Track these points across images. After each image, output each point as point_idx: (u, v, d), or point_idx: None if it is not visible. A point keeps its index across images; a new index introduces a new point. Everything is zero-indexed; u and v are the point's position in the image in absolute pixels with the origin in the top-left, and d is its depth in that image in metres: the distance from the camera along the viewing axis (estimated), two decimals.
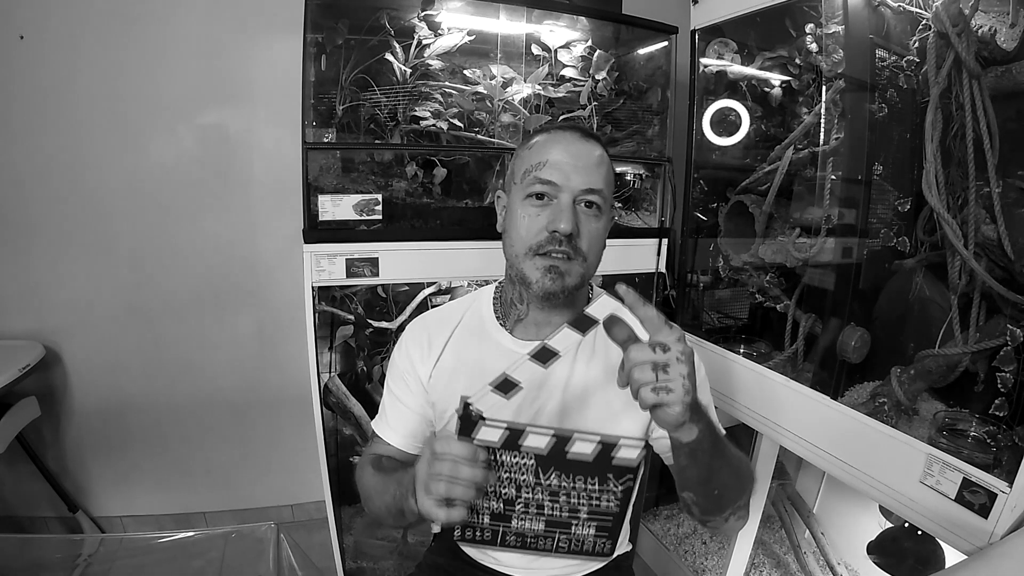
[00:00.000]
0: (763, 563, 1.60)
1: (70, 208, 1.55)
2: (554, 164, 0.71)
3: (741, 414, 1.29)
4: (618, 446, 0.57)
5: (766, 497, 1.39)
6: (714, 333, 1.48)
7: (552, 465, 0.58)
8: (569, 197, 0.71)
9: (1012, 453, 0.84)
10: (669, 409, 0.52)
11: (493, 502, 0.61)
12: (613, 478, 0.59)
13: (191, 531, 1.48)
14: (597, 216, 0.74)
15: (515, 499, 0.61)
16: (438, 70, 1.36)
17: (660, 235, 1.50)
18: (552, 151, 0.72)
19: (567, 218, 0.70)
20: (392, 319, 1.49)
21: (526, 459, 0.58)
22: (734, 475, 0.67)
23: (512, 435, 0.56)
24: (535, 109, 1.41)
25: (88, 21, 1.44)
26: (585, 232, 0.72)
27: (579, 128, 0.77)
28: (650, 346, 0.52)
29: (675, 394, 0.51)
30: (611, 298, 0.54)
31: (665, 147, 1.52)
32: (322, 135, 1.29)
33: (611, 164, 0.76)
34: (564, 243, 0.70)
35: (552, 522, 0.62)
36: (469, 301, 0.87)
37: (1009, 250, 0.90)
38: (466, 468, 0.53)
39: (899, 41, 1.08)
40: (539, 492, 0.60)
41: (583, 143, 0.74)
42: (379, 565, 1.53)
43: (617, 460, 0.58)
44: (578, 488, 0.60)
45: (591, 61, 1.45)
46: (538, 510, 0.61)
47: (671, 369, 0.51)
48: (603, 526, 0.62)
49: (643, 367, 0.52)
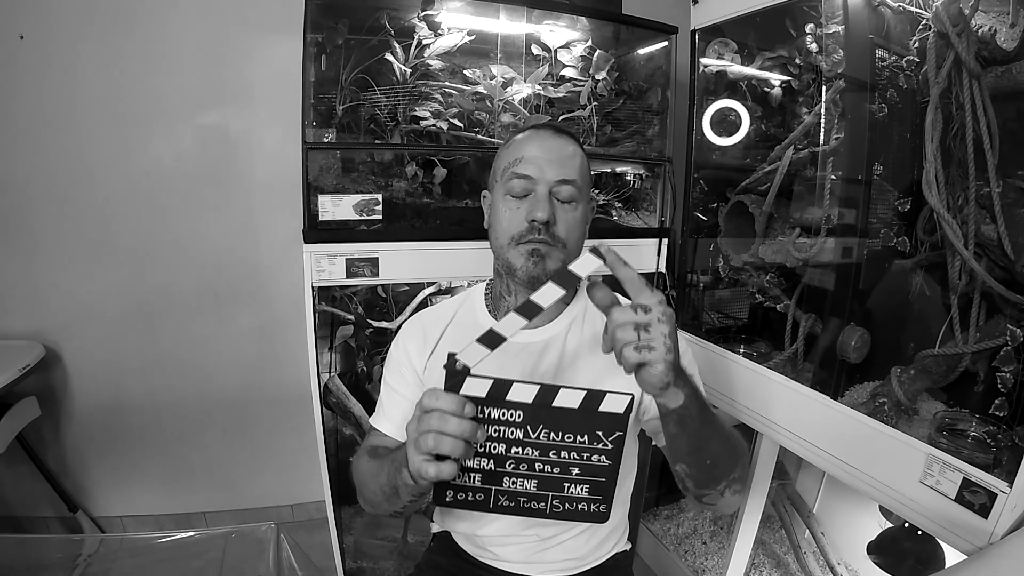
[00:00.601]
0: (763, 563, 1.60)
1: (70, 208, 1.55)
2: (529, 159, 0.77)
3: (741, 414, 1.29)
4: (605, 397, 0.57)
5: (766, 497, 1.38)
6: (714, 333, 1.48)
7: (540, 422, 0.58)
8: (545, 188, 0.77)
9: (1012, 453, 0.84)
10: (652, 368, 0.53)
11: (483, 461, 0.60)
12: (603, 435, 0.59)
13: (191, 531, 1.48)
14: (574, 206, 0.79)
15: (505, 457, 0.60)
16: (438, 70, 1.36)
17: (660, 235, 1.50)
18: (527, 147, 0.78)
19: (543, 207, 0.75)
20: (392, 319, 1.49)
21: (514, 414, 0.58)
22: (726, 444, 0.67)
23: (498, 387, 0.56)
24: (535, 109, 1.41)
25: (88, 21, 1.45)
26: (562, 221, 0.77)
27: (552, 126, 0.83)
28: (632, 308, 0.53)
29: (657, 352, 0.52)
30: (595, 257, 0.54)
31: (665, 147, 1.52)
32: (322, 135, 1.29)
33: (585, 158, 0.82)
34: (543, 231, 0.76)
35: (544, 481, 0.61)
36: (462, 298, 0.90)
37: (1009, 250, 0.90)
38: (453, 421, 0.53)
39: (899, 41, 1.08)
40: (529, 449, 0.59)
41: (555, 139, 0.79)
42: (379, 565, 1.53)
43: (604, 408, 0.57)
44: (567, 444, 0.59)
45: (591, 61, 1.45)
46: (528, 468, 0.60)
47: (652, 329, 0.52)
48: (596, 486, 0.61)
49: (625, 327, 0.53)
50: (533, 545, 0.84)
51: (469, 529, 0.87)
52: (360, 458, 0.78)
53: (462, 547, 0.90)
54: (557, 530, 0.83)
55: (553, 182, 0.77)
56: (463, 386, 0.56)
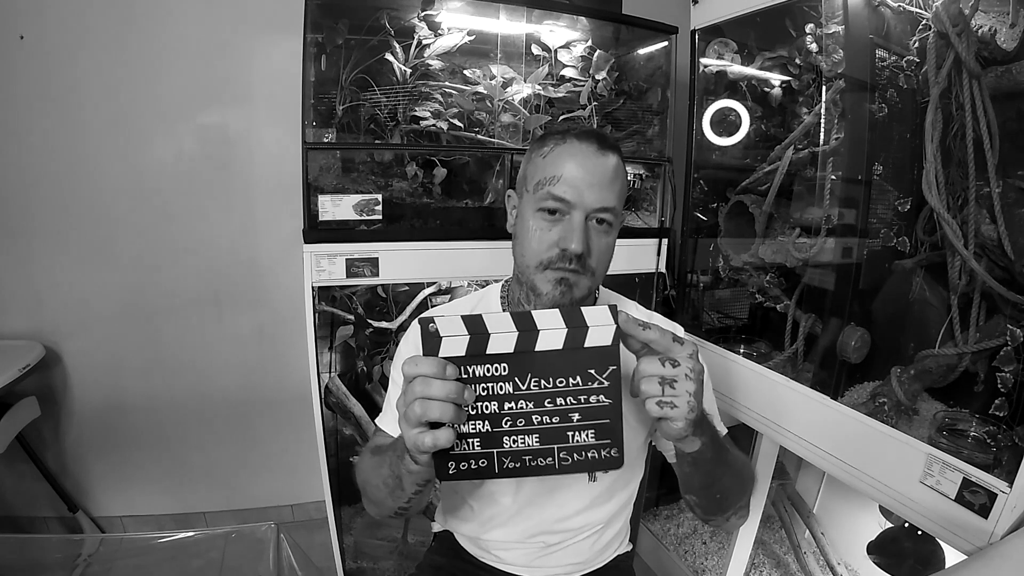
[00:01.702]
0: (763, 563, 1.60)
1: (70, 208, 1.55)
2: (568, 180, 0.70)
3: (741, 414, 1.29)
4: (588, 331, 0.55)
5: (766, 497, 1.39)
6: (714, 333, 1.48)
7: (528, 371, 0.56)
8: (581, 215, 0.70)
9: (1012, 453, 0.84)
10: (672, 423, 0.54)
11: (478, 424, 0.57)
12: (596, 372, 0.56)
13: (191, 531, 1.48)
14: (608, 231, 0.73)
15: (499, 416, 0.57)
16: (438, 70, 1.36)
17: (660, 235, 1.50)
18: (567, 165, 0.70)
19: (578, 238, 0.69)
20: (392, 319, 1.49)
21: (500, 368, 0.56)
22: (736, 479, 0.68)
23: (476, 342, 0.55)
24: (535, 109, 1.41)
25: (88, 21, 1.45)
26: (595, 249, 0.72)
27: (596, 136, 0.73)
28: (660, 360, 0.53)
29: (679, 410, 0.53)
30: (611, 316, 0.54)
31: (665, 147, 1.52)
32: (322, 135, 1.29)
33: (625, 172, 0.75)
34: (574, 261, 0.70)
35: (546, 434, 0.58)
36: (476, 299, 0.88)
37: (1009, 250, 0.90)
38: (436, 383, 0.53)
39: (899, 41, 1.08)
40: (522, 403, 0.57)
41: (599, 156, 0.71)
42: (379, 565, 1.53)
43: (590, 343, 0.55)
44: (561, 389, 0.56)
45: (591, 61, 1.45)
46: (527, 424, 0.57)
47: (678, 385, 0.53)
48: (602, 429, 0.57)
49: (651, 380, 0.53)
50: (538, 550, 0.83)
51: (474, 531, 0.86)
52: (363, 458, 0.77)
53: (464, 548, 0.90)
54: (563, 537, 0.83)
55: (591, 209, 0.70)
56: (440, 348, 0.55)
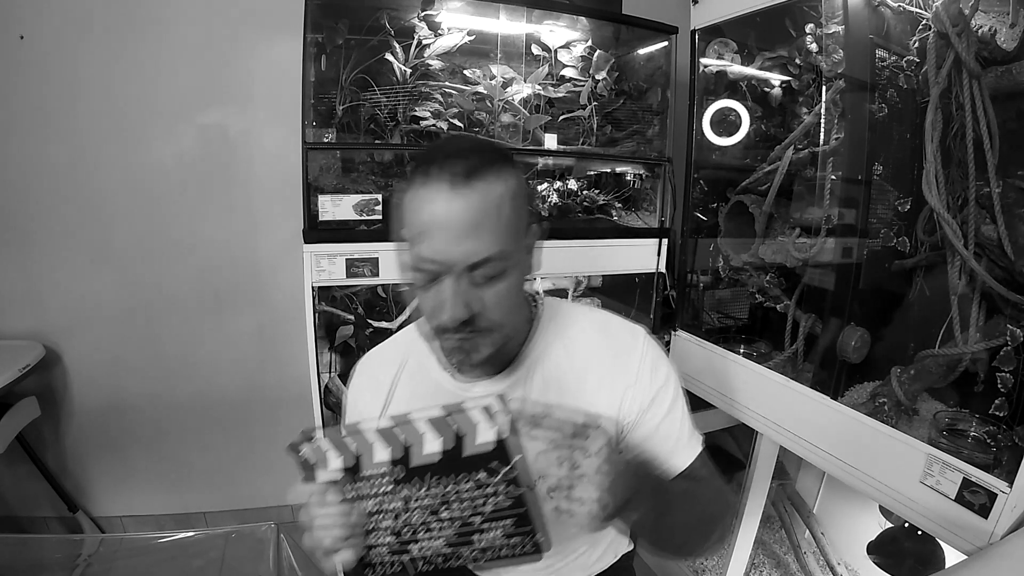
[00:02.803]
0: (763, 563, 1.59)
1: (70, 208, 1.55)
2: (428, 236, 0.56)
3: (741, 414, 1.29)
4: (464, 439, 0.48)
5: (766, 497, 1.38)
6: (714, 333, 1.48)
7: (416, 480, 0.52)
8: (453, 278, 0.57)
9: (1012, 453, 0.84)
10: (576, 526, 0.49)
11: (382, 535, 0.54)
12: (485, 477, 0.49)
13: (191, 531, 1.48)
14: (497, 280, 0.58)
15: (400, 525, 0.54)
16: (438, 70, 1.36)
17: (660, 235, 1.50)
18: (424, 215, 0.56)
19: (451, 308, 0.57)
20: (392, 319, 1.48)
21: (383, 483, 0.52)
22: (699, 522, 0.62)
23: (352, 460, 0.52)
24: (535, 109, 1.41)
25: (88, 21, 1.44)
26: (487, 304, 0.59)
27: (450, 169, 0.55)
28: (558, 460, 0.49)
29: (578, 518, 0.48)
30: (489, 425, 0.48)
31: (665, 147, 1.52)
32: (322, 135, 1.29)
33: (511, 194, 0.58)
34: (462, 328, 0.58)
35: (451, 539, 0.53)
36: (408, 339, 0.79)
37: (1009, 250, 0.90)
38: (320, 513, 0.51)
39: (899, 41, 1.08)
40: (418, 512, 0.53)
41: (455, 199, 0.54)
42: None
43: (469, 453, 0.49)
44: (458, 492, 0.51)
45: (591, 61, 1.45)
46: (431, 528, 0.53)
47: (577, 491, 0.48)
48: (514, 522, 0.51)
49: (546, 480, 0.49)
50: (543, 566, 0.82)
51: None
52: None
53: None
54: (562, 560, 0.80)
55: (463, 268, 0.56)
56: (316, 475, 0.53)
